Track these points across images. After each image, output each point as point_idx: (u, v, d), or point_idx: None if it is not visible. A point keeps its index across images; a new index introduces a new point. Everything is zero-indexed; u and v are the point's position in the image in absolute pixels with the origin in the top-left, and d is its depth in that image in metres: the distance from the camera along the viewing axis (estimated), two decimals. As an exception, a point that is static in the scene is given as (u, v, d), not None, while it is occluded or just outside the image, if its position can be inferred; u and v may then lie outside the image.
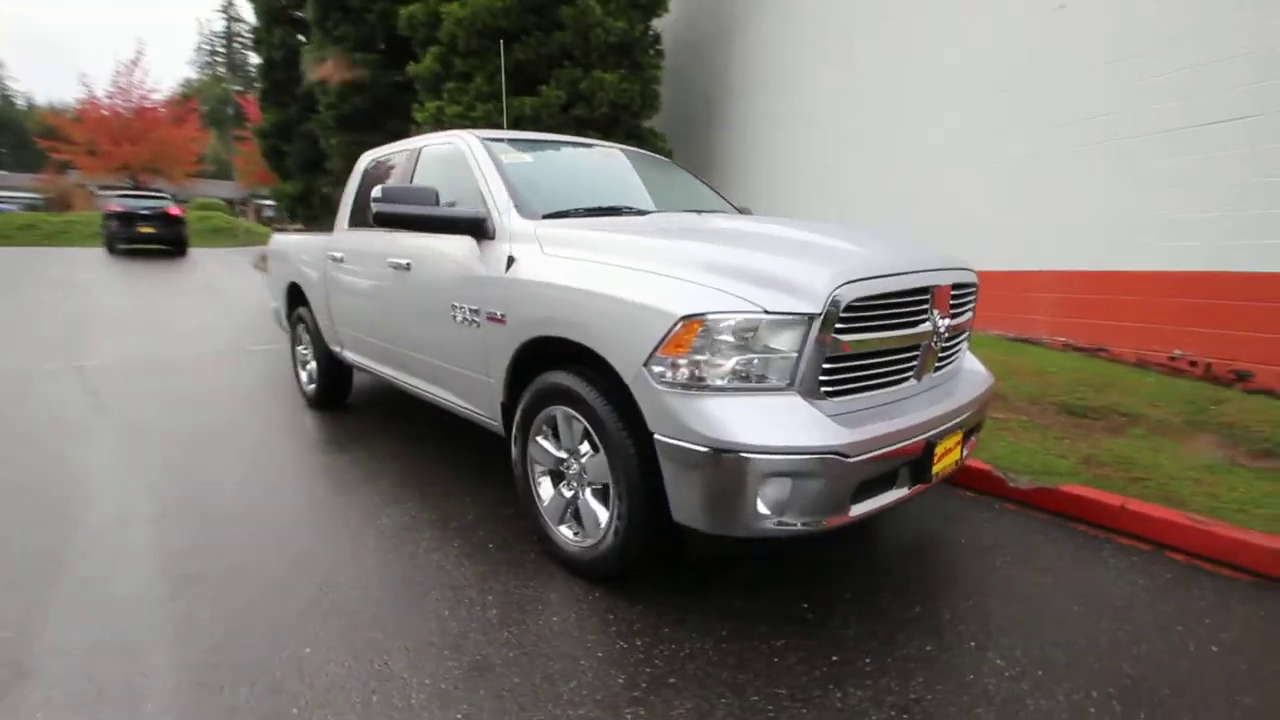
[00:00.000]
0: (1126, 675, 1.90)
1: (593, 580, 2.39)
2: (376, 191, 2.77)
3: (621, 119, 9.54)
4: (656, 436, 2.02)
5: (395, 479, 3.41)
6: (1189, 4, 4.80)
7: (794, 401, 1.97)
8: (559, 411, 2.42)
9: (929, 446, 2.18)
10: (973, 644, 2.05)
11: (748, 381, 1.96)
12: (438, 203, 2.79)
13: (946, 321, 2.35)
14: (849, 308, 1.99)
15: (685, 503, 2.00)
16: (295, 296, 4.98)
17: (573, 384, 2.28)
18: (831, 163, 8.60)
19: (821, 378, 2.01)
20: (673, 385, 1.97)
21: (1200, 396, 4.31)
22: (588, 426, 2.28)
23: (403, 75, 10.78)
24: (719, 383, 1.95)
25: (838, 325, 1.98)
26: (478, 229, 2.78)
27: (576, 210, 2.84)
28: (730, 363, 1.94)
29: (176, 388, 5.29)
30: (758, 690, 1.82)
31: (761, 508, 1.91)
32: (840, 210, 8.30)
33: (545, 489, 2.60)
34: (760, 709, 1.74)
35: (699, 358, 1.95)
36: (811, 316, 1.94)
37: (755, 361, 1.94)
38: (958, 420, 2.33)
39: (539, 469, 2.60)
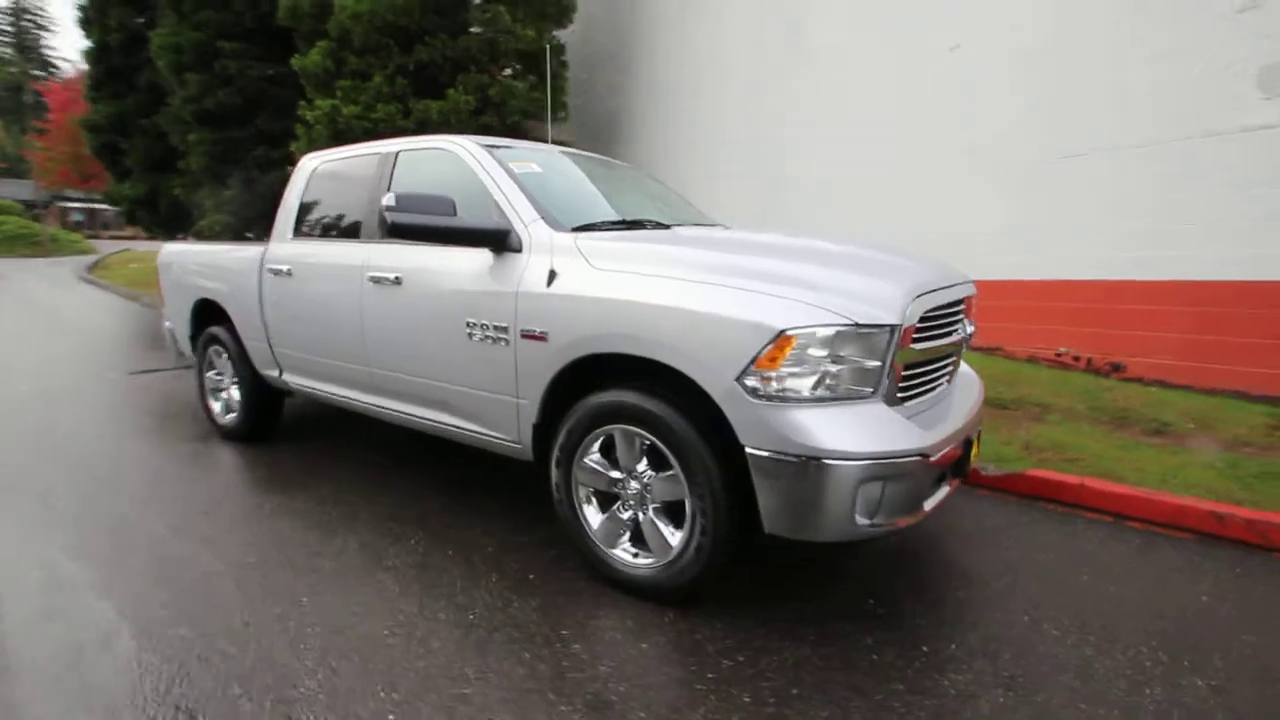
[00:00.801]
0: (1156, 629, 2.20)
1: (659, 601, 2.33)
2: (389, 200, 2.52)
3: (531, 128, 9.40)
4: (750, 450, 2.03)
5: (381, 514, 3.09)
6: (1061, 52, 5.64)
7: (880, 408, 2.07)
8: (617, 431, 2.34)
9: (968, 443, 2.38)
10: (1026, 618, 2.26)
11: (836, 391, 2.03)
12: (455, 213, 2.60)
13: (971, 328, 2.58)
14: (922, 318, 2.13)
15: (781, 513, 2.02)
16: (205, 315, 4.36)
17: (643, 402, 2.23)
18: (736, 182, 9.03)
19: (899, 384, 2.13)
20: (769, 398, 1.99)
21: (1090, 386, 5.06)
22: (659, 445, 2.23)
23: (277, 68, 9.82)
24: (812, 394, 2.00)
25: (914, 335, 2.11)
26: (499, 242, 2.62)
27: (602, 224, 2.77)
28: (823, 374, 2.00)
29: (36, 427, 4.42)
30: (876, 689, 1.88)
31: (858, 511, 1.99)
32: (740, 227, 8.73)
33: (592, 512, 2.50)
34: (889, 707, 1.80)
35: (793, 370, 1.99)
36: (894, 327, 2.05)
37: (845, 372, 2.02)
38: (979, 417, 2.57)
39: (584, 491, 2.50)
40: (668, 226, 2.94)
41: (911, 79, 6.51)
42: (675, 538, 2.27)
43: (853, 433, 1.98)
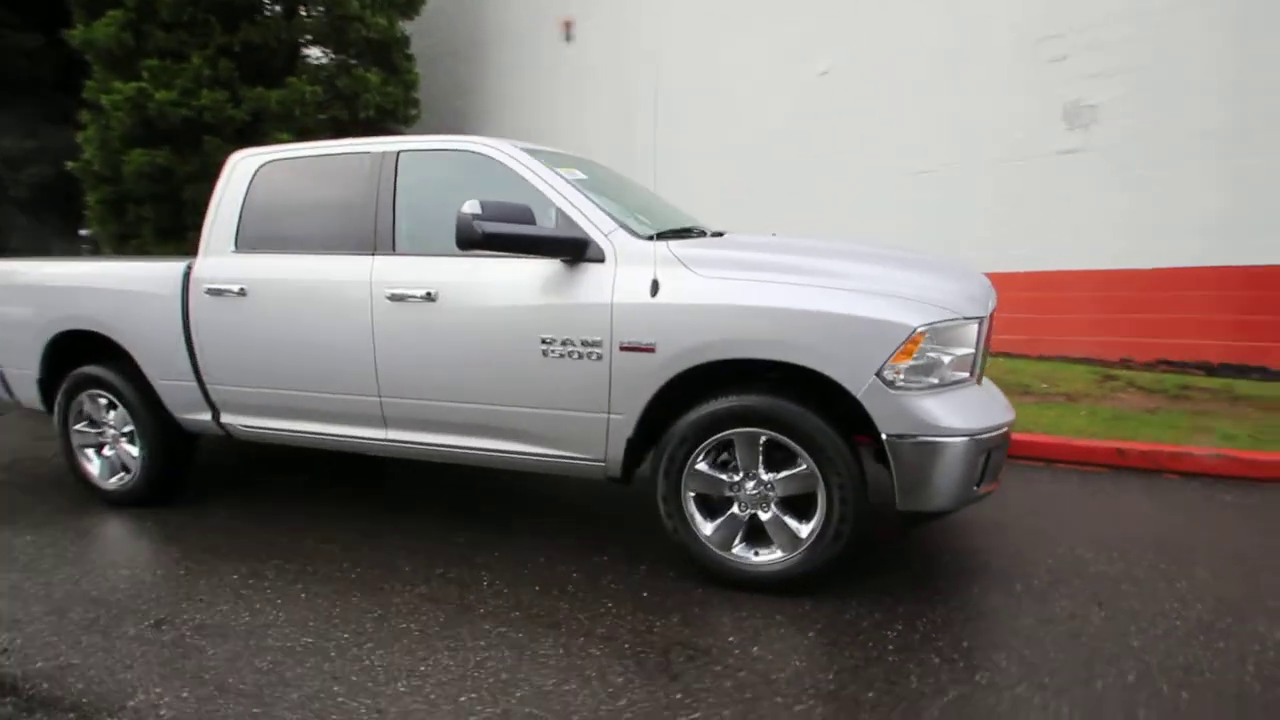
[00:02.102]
0: (1169, 550, 2.76)
1: (780, 592, 2.42)
2: (473, 207, 2.27)
3: (386, 125, 8.60)
4: (888, 437, 2.23)
5: (422, 568, 2.76)
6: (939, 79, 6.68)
7: (977, 390, 2.41)
8: (737, 435, 2.39)
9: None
10: (1088, 556, 2.72)
11: (946, 378, 2.31)
12: (535, 221, 2.42)
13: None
14: (991, 313, 2.51)
15: (914, 489, 2.25)
16: (73, 352, 3.42)
17: (776, 404, 2.31)
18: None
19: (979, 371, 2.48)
20: (904, 389, 2.21)
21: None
22: (788, 443, 2.32)
23: (39, 40, 7.74)
24: (935, 381, 2.26)
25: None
26: (578, 252, 2.50)
27: (668, 232, 2.76)
28: (940, 363, 2.27)
29: None
30: (1037, 650, 2.10)
31: (975, 480, 2.30)
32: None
33: (699, 518, 2.51)
34: (1062, 661, 2.04)
35: (918, 362, 2.23)
36: (982, 319, 2.39)
37: (954, 360, 2.31)
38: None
39: (693, 499, 2.50)
40: (720, 234, 3.02)
41: (783, 98, 7.23)
42: (804, 529, 2.39)
43: (972, 412, 2.29)
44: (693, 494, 2.49)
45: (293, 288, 2.92)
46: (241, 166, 3.17)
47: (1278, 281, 4.90)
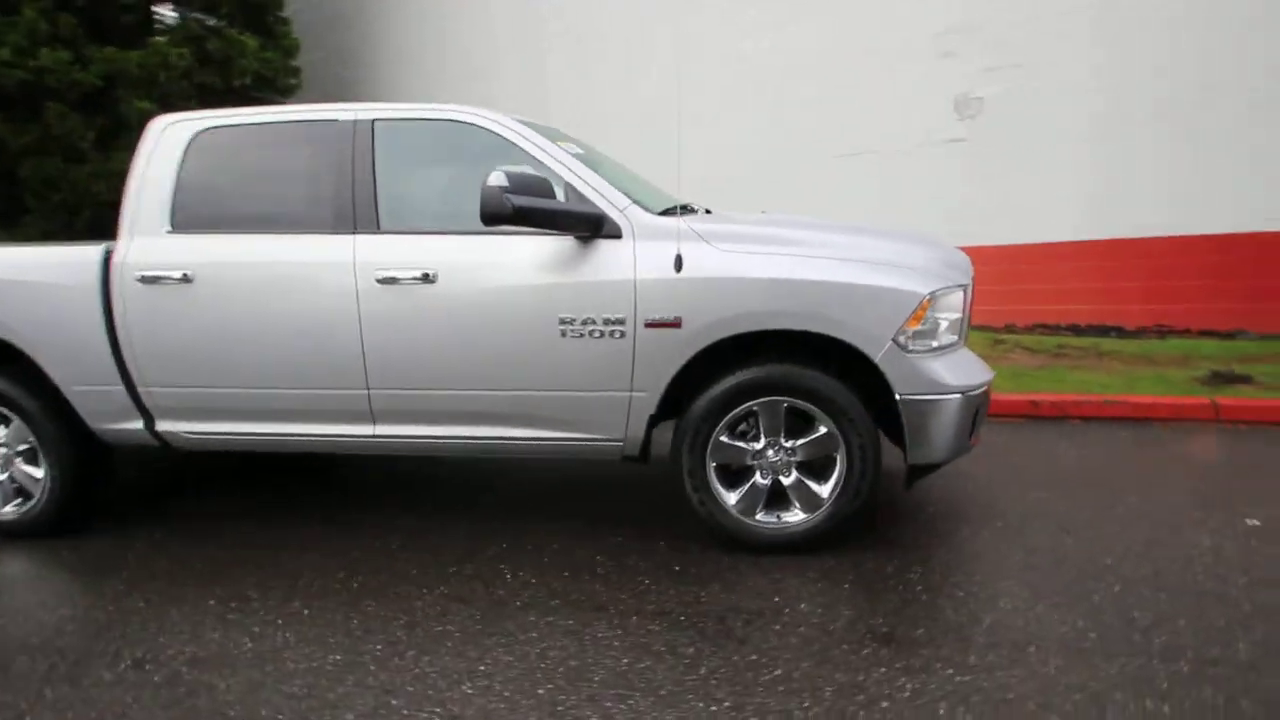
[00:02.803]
0: (1099, 482, 3.21)
1: (805, 551, 2.54)
2: (499, 179, 2.14)
3: (265, 95, 7.75)
4: (902, 397, 2.40)
5: (447, 562, 2.60)
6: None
7: (966, 351, 2.65)
8: (759, 404, 2.47)
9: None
10: (1041, 495, 3.08)
11: (943, 341, 2.52)
12: (555, 195, 2.33)
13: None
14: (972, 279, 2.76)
15: (923, 444, 2.45)
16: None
17: (803, 372, 2.41)
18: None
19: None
20: (916, 352, 2.40)
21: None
22: (810, 408, 2.44)
23: None
24: (936, 344, 2.47)
25: (968, 292, 2.73)
26: (596, 228, 2.44)
27: (675, 208, 2.76)
28: (944, 326, 2.48)
29: None
30: (1036, 575, 2.36)
31: (969, 432, 2.54)
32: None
33: (722, 489, 2.57)
34: (1059, 582, 2.31)
35: (926, 326, 2.42)
36: (967, 286, 2.63)
37: (950, 324, 2.53)
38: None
39: (713, 469, 2.55)
40: (708, 211, 3.05)
41: (704, 83, 7.37)
42: (823, 490, 2.52)
43: (966, 371, 2.53)
44: (714, 465, 2.55)
45: (253, 273, 2.59)
46: (170, 134, 2.74)
47: (1131, 252, 5.80)
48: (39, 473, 2.85)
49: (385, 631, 2.15)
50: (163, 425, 2.81)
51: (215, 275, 2.61)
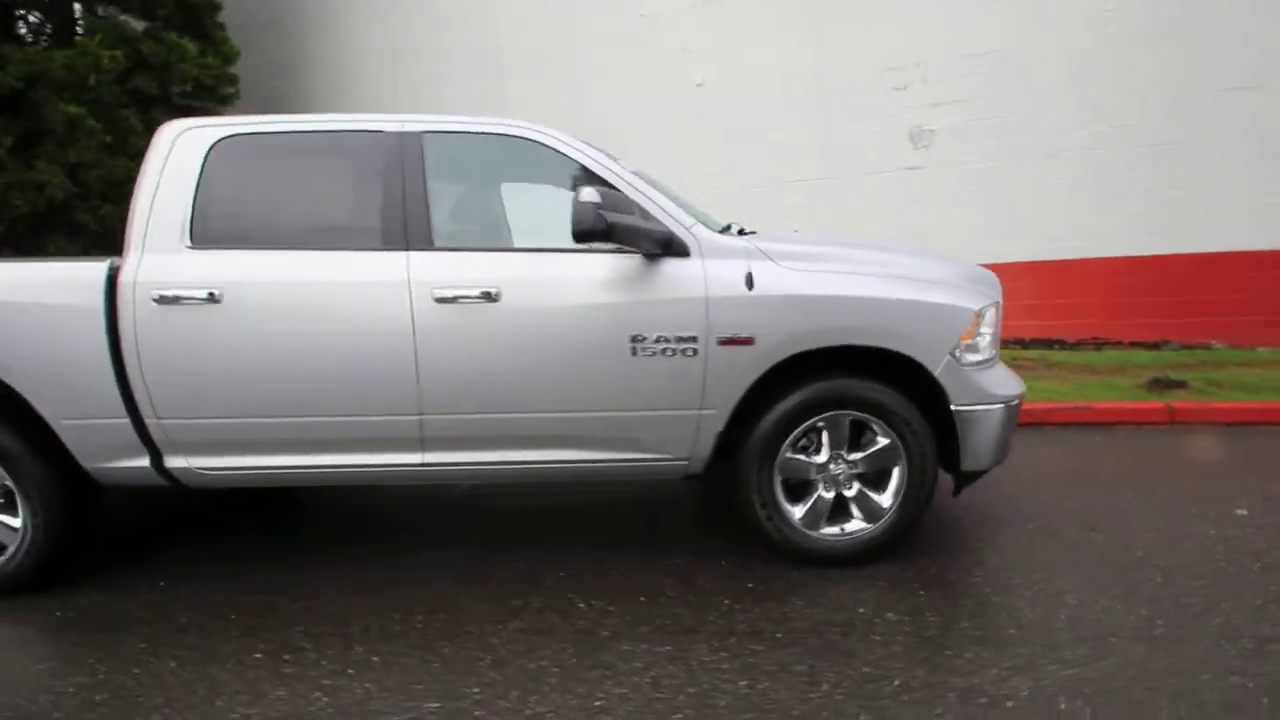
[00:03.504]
0: (1093, 483, 3.47)
1: (866, 561, 2.60)
2: (593, 196, 2.09)
3: (205, 104, 7.21)
4: (958, 408, 2.53)
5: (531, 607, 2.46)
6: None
7: (1002, 365, 2.82)
8: (824, 419, 2.52)
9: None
10: (1048, 497, 3.29)
11: (987, 354, 2.68)
12: (634, 212, 2.30)
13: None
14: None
15: (975, 451, 2.58)
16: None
17: (869, 387, 2.48)
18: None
19: (995, 345, 2.91)
20: (967, 365, 2.53)
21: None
22: (874, 422, 2.51)
23: None
24: (982, 358, 2.62)
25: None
26: (665, 245, 2.43)
27: (728, 227, 2.78)
28: (987, 340, 2.63)
29: None
30: (1082, 571, 2.52)
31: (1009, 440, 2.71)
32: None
33: (787, 505, 2.59)
34: (1105, 577, 2.48)
35: (975, 341, 2.57)
36: (999, 303, 2.81)
37: (993, 337, 2.69)
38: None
39: (779, 484, 2.58)
40: (753, 231, 3.10)
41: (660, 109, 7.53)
42: (886, 500, 2.60)
43: (1008, 382, 2.70)
44: (780, 480, 2.57)
45: (296, 291, 2.40)
46: (185, 142, 2.50)
47: (1072, 272, 6.38)
48: (16, 521, 2.48)
49: (474, 673, 2.01)
50: (173, 461, 2.52)
51: (247, 294, 2.39)
